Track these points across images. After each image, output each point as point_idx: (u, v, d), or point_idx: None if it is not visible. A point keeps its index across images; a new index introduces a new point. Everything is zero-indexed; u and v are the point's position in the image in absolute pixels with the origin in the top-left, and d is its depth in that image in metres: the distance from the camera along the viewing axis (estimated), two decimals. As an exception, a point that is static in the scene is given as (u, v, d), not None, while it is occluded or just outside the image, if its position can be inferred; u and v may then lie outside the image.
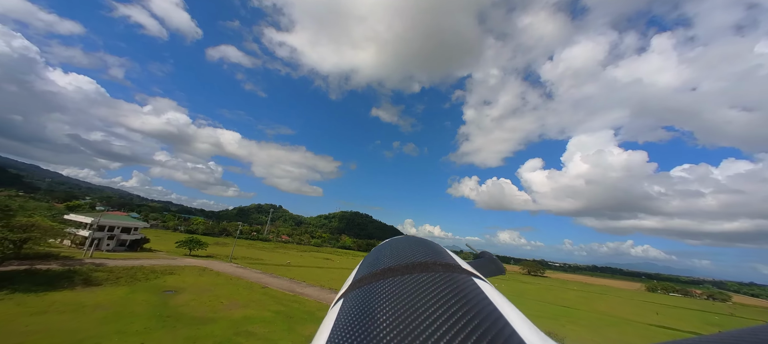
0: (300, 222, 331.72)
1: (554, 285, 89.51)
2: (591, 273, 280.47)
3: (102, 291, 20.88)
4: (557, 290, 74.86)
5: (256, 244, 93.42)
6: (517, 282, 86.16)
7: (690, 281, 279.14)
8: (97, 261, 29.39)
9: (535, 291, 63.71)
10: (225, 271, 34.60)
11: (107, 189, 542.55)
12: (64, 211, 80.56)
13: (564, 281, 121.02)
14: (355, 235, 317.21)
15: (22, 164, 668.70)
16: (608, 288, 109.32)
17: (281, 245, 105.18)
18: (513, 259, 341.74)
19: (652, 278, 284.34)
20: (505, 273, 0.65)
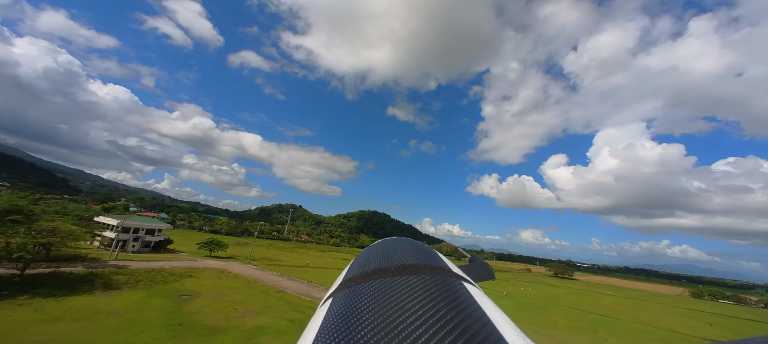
0: (319, 222, 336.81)
1: (586, 290, 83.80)
2: (623, 276, 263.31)
3: (120, 295, 20.75)
4: (590, 295, 69.77)
5: (276, 244, 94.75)
6: (544, 285, 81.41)
7: (739, 285, 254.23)
8: (121, 264, 29.89)
9: (566, 297, 59.50)
10: (243, 274, 34.33)
11: (142, 191, 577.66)
12: (99, 212, 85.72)
13: (595, 284, 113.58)
14: (373, 234, 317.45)
15: (69, 169, 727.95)
16: (646, 293, 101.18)
17: (301, 245, 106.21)
18: (538, 260, 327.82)
19: (694, 281, 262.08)
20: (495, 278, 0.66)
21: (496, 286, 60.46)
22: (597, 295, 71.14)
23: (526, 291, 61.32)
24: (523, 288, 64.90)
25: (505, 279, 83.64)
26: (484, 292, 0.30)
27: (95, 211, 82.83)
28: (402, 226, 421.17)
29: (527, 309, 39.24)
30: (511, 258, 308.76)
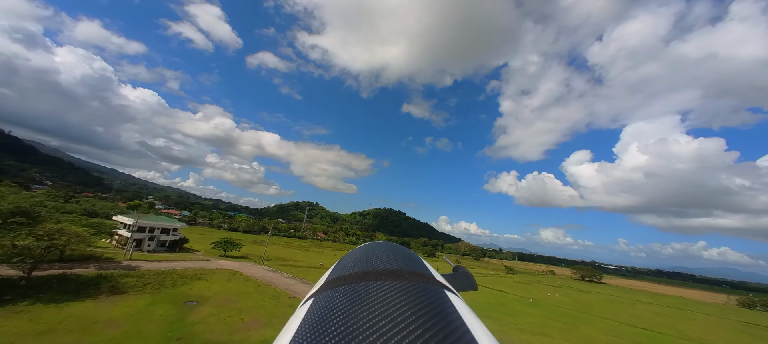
0: (336, 219, 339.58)
1: (618, 296, 77.74)
2: (655, 279, 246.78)
3: (124, 301, 19.79)
4: (625, 303, 64.30)
5: (292, 242, 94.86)
6: (571, 290, 76.20)
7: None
8: (133, 264, 29.47)
9: (599, 305, 54.83)
10: (255, 276, 33.24)
11: (169, 189, 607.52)
12: (125, 211, 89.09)
13: (627, 290, 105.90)
14: (389, 232, 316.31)
15: (104, 168, 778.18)
16: (686, 300, 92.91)
17: (316, 243, 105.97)
18: (561, 261, 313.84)
19: (737, 288, 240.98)
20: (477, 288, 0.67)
21: (519, 290, 56.79)
22: (632, 303, 65.48)
23: (554, 297, 57.11)
24: (550, 293, 60.62)
25: (528, 283, 79.13)
26: (465, 302, 0.30)
27: (121, 209, 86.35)
28: (418, 224, 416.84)
29: (558, 320, 35.76)
30: (531, 259, 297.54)
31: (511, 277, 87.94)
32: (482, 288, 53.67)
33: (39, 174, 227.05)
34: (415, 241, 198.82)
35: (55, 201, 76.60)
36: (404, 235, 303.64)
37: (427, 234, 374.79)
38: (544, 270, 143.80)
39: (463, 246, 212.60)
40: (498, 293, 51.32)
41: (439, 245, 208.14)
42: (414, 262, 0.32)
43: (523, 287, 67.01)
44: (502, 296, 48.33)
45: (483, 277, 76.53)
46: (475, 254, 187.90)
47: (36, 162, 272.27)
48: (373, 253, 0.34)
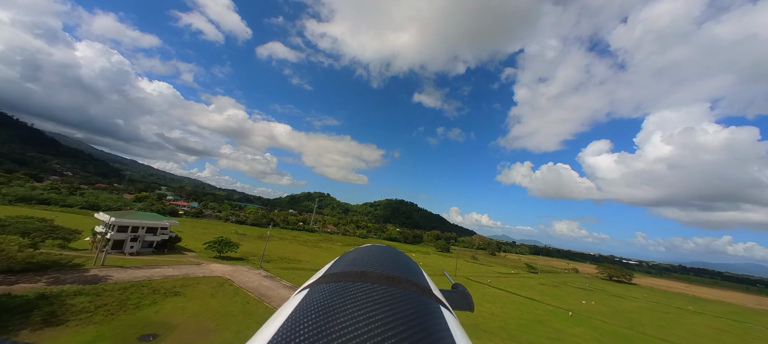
0: (347, 210, 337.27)
1: (659, 302, 69.70)
2: (682, 277, 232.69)
3: (54, 339, 14.72)
4: (671, 312, 56.56)
5: (300, 236, 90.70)
6: (605, 294, 68.65)
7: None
8: (102, 274, 24.75)
9: (644, 316, 47.60)
10: (247, 286, 28.13)
11: (185, 180, 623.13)
12: (130, 203, 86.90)
13: (661, 292, 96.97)
14: (400, 224, 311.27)
15: (125, 159, 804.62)
16: (734, 306, 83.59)
17: (326, 237, 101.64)
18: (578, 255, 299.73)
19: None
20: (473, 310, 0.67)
21: (550, 296, 50.03)
22: (678, 313, 57.64)
23: (589, 306, 50.18)
24: (585, 300, 53.59)
25: (554, 285, 72.01)
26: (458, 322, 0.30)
27: (125, 201, 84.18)
28: (430, 216, 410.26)
29: (612, 342, 29.30)
30: (547, 253, 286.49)
31: (534, 277, 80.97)
32: (510, 296, 47.36)
33: (60, 165, 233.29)
34: (427, 234, 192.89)
35: (57, 193, 74.96)
36: (415, 227, 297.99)
37: (438, 225, 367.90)
38: (566, 268, 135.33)
39: (477, 239, 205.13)
40: (528, 302, 44.88)
41: (452, 238, 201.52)
42: (414, 273, 0.32)
43: (551, 291, 60.17)
44: (534, 307, 41.90)
45: (505, 278, 69.99)
46: (491, 248, 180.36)
47: (58, 153, 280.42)
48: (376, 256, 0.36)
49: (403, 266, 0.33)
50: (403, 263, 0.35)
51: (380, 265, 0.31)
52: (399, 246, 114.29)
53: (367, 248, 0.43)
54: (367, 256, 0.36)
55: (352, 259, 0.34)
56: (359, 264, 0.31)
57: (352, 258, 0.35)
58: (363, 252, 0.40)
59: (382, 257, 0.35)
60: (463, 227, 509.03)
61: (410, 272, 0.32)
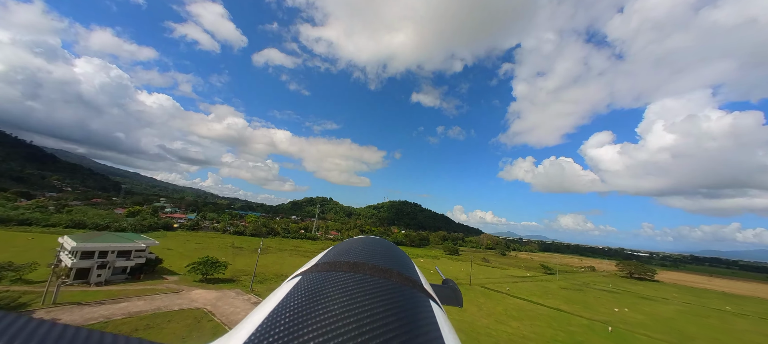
0: (350, 214, 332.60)
1: (694, 303, 64.09)
2: (699, 268, 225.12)
3: None
4: (712, 316, 51.07)
5: (301, 246, 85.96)
6: (633, 297, 63.14)
7: None
8: (49, 315, 20.02)
9: (689, 324, 42.27)
10: (232, 319, 23.34)
11: (188, 190, 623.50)
12: (123, 218, 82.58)
13: (689, 288, 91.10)
14: (404, 225, 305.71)
15: (127, 172, 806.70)
16: (765, 299, 77.61)
17: (328, 245, 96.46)
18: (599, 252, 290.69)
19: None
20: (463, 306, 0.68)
21: (577, 304, 44.63)
22: (718, 315, 52.11)
23: (624, 314, 44.91)
24: (617, 308, 48.23)
25: (577, 288, 66.54)
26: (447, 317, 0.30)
27: (114, 218, 79.71)
28: (434, 216, 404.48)
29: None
30: (557, 249, 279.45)
31: (553, 280, 75.52)
32: (535, 308, 42.18)
33: (59, 181, 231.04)
34: (433, 235, 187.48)
35: (42, 211, 70.80)
36: (420, 228, 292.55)
37: (443, 225, 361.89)
38: (581, 266, 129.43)
39: (485, 238, 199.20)
40: (558, 315, 39.69)
41: (459, 239, 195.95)
42: (406, 266, 0.32)
43: (577, 298, 54.83)
44: (566, 321, 36.72)
45: (523, 283, 64.65)
46: (500, 248, 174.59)
47: (57, 169, 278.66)
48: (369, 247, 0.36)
49: (395, 259, 0.32)
50: (396, 256, 0.35)
51: (373, 257, 0.31)
52: (405, 249, 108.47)
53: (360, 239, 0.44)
54: (361, 247, 0.36)
55: (345, 249, 0.35)
56: (352, 255, 0.31)
57: (345, 249, 0.36)
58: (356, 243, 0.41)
59: (375, 249, 0.36)
60: (468, 226, 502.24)
61: (402, 265, 0.31)
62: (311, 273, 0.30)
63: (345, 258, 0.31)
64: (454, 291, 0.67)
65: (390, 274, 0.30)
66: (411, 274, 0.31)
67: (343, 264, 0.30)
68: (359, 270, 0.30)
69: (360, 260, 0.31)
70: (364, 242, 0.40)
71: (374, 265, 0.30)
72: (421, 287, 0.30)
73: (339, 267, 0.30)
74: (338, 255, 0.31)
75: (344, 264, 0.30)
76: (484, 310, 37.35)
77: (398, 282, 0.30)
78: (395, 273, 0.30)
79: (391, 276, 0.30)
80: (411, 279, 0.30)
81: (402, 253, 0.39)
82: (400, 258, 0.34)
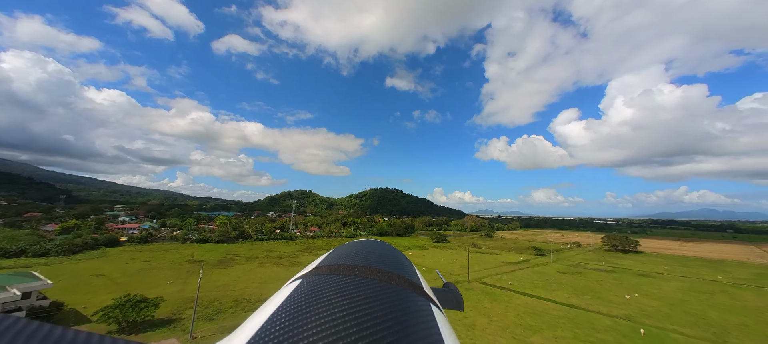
0: (331, 205, 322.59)
1: (685, 274, 63.22)
2: (665, 231, 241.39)
3: None
4: (713, 290, 49.13)
5: (276, 249, 76.60)
6: (630, 274, 60.95)
7: None
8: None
9: (701, 305, 39.12)
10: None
11: (155, 193, 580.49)
12: (54, 236, 68.53)
13: (668, 255, 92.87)
14: (387, 212, 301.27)
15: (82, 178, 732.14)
16: (739, 261, 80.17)
17: (308, 245, 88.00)
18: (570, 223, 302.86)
19: (739, 231, 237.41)
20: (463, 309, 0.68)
21: (587, 295, 39.86)
22: (721, 288, 50.42)
23: (638, 302, 41.23)
24: (628, 295, 44.52)
25: (575, 272, 63.37)
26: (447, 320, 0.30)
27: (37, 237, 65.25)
28: (417, 200, 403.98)
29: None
30: (536, 224, 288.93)
31: (550, 264, 72.40)
32: (546, 307, 36.88)
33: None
34: (417, 221, 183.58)
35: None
36: (404, 214, 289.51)
37: (426, 210, 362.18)
38: (565, 241, 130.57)
39: (469, 221, 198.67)
40: (571, 312, 34.61)
41: (444, 224, 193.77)
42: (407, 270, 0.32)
43: (581, 284, 50.96)
44: (588, 321, 31.53)
45: (520, 271, 60.27)
46: (485, 229, 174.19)
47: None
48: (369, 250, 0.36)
49: (395, 262, 0.33)
50: (396, 259, 0.35)
51: (373, 260, 0.31)
52: (391, 240, 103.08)
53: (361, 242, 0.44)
54: (361, 250, 0.36)
55: (345, 252, 0.35)
56: (353, 258, 0.31)
57: (345, 252, 0.35)
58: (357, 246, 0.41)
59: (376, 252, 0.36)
60: (449, 208, 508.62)
61: (402, 269, 0.32)
62: (311, 277, 0.30)
63: (345, 261, 0.31)
64: (455, 295, 0.67)
65: (391, 278, 0.30)
66: (412, 278, 0.31)
67: (343, 268, 0.30)
68: (360, 274, 0.30)
69: (360, 263, 0.30)
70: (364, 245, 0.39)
71: (375, 268, 0.30)
72: (422, 291, 0.30)
73: (339, 271, 0.30)
74: (338, 259, 0.32)
75: (345, 268, 0.30)
76: (494, 320, 31.24)
77: (399, 285, 0.30)
78: (396, 276, 0.30)
79: (391, 279, 0.30)
80: (412, 282, 0.30)
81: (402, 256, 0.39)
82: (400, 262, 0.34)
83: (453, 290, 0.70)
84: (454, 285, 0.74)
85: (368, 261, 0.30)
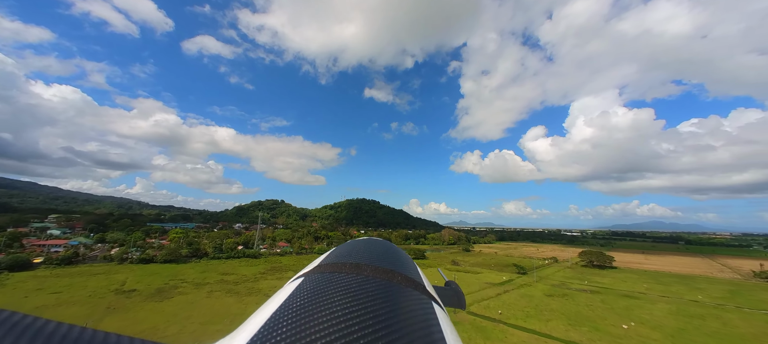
0: (305, 216, 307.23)
1: (667, 294, 62.32)
2: (624, 244, 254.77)
3: None
4: (705, 315, 47.44)
5: (234, 271, 66.56)
6: (615, 296, 58.81)
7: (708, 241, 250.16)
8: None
9: (703, 337, 36.31)
10: None
11: (108, 200, 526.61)
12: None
13: (640, 271, 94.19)
14: (364, 224, 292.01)
15: (18, 183, 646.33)
16: (707, 276, 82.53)
17: (274, 264, 78.29)
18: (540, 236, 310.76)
19: (691, 242, 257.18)
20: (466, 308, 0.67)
21: (584, 326, 36.03)
22: (708, 311, 49.03)
23: (637, 332, 37.71)
24: (625, 324, 41.09)
25: (562, 294, 60.18)
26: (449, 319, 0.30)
27: None
28: (393, 212, 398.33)
29: None
30: (510, 237, 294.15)
31: (531, 283, 69.07)
32: (538, 342, 31.96)
33: None
34: (395, 234, 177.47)
35: None
36: (381, 226, 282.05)
37: (403, 221, 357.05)
38: (540, 256, 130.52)
39: (446, 234, 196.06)
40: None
41: (421, 237, 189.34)
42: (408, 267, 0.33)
43: (570, 309, 47.26)
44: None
45: (507, 294, 55.82)
46: (462, 243, 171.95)
47: None
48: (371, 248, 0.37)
49: (397, 260, 0.33)
50: (398, 257, 0.36)
51: (375, 258, 0.31)
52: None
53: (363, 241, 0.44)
54: (363, 248, 0.36)
55: (347, 251, 0.35)
56: (355, 256, 0.31)
57: (347, 250, 0.36)
58: (359, 244, 0.41)
59: (378, 250, 0.36)
60: (426, 219, 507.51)
61: (404, 266, 0.32)
62: (313, 275, 0.30)
63: (347, 259, 0.31)
64: (456, 294, 0.65)
65: (392, 276, 0.30)
66: (413, 276, 0.31)
67: (345, 266, 0.30)
68: (362, 272, 0.30)
69: (363, 261, 0.30)
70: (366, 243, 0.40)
71: (376, 267, 0.30)
72: (423, 289, 0.30)
73: (341, 269, 0.30)
74: (340, 257, 0.32)
75: (346, 266, 0.30)
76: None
77: (401, 283, 0.30)
78: (398, 274, 0.30)
79: (393, 277, 0.30)
80: (413, 280, 0.30)
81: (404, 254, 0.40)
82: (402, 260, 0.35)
83: (455, 288, 0.69)
84: (456, 283, 0.72)
85: (370, 259, 0.31)
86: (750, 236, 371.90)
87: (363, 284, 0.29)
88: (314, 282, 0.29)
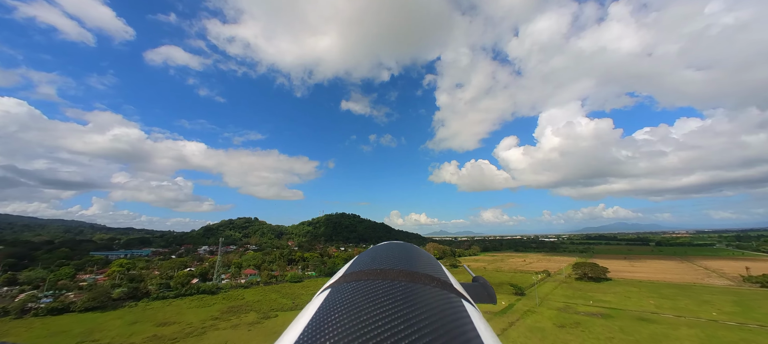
0: (281, 234, 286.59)
1: (680, 309, 56.62)
2: (603, 248, 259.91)
3: None
4: (731, 339, 41.25)
5: (175, 320, 52.90)
6: (631, 321, 52.10)
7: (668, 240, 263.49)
8: None
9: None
10: None
11: (55, 223, 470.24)
12: None
13: (635, 281, 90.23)
14: (344, 239, 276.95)
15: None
16: (701, 284, 79.64)
17: (230, 305, 64.59)
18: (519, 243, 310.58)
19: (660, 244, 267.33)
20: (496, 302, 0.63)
21: None
22: (738, 335, 43.11)
23: None
24: None
25: (574, 323, 52.60)
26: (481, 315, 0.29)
27: None
28: (375, 226, 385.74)
29: None
30: (494, 247, 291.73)
31: (536, 309, 61.17)
32: None
33: None
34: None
35: None
36: (362, 241, 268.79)
37: (384, 235, 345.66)
38: (529, 269, 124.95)
39: (431, 248, 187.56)
40: None
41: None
42: (434, 268, 0.32)
43: (588, 343, 39.32)
44: None
45: (513, 331, 47.27)
46: (447, 257, 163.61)
47: None
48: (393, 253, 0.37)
49: (421, 261, 0.32)
50: (421, 258, 0.35)
51: (398, 262, 0.30)
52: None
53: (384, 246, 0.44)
54: (385, 254, 0.36)
55: (370, 258, 0.35)
56: (378, 262, 0.31)
57: (370, 257, 0.36)
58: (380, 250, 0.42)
59: (400, 254, 0.36)
60: (407, 231, 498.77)
61: (429, 267, 0.31)
62: (340, 285, 0.31)
63: (371, 265, 0.31)
64: (485, 289, 0.64)
65: (418, 278, 0.30)
66: (439, 275, 0.31)
67: (371, 273, 0.30)
68: (387, 277, 0.30)
69: (387, 267, 0.31)
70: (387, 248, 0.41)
71: (402, 270, 0.30)
72: (451, 287, 0.30)
73: (368, 276, 0.30)
74: (364, 264, 0.32)
75: (372, 273, 0.30)
76: None
77: (428, 284, 0.30)
78: (424, 275, 0.30)
79: (419, 279, 0.30)
80: (440, 280, 0.30)
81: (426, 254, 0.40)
82: (426, 260, 0.34)
83: (483, 283, 0.67)
84: (484, 278, 0.71)
85: (394, 264, 0.30)
86: (703, 233, 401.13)
87: (389, 289, 0.30)
88: (341, 292, 0.30)
